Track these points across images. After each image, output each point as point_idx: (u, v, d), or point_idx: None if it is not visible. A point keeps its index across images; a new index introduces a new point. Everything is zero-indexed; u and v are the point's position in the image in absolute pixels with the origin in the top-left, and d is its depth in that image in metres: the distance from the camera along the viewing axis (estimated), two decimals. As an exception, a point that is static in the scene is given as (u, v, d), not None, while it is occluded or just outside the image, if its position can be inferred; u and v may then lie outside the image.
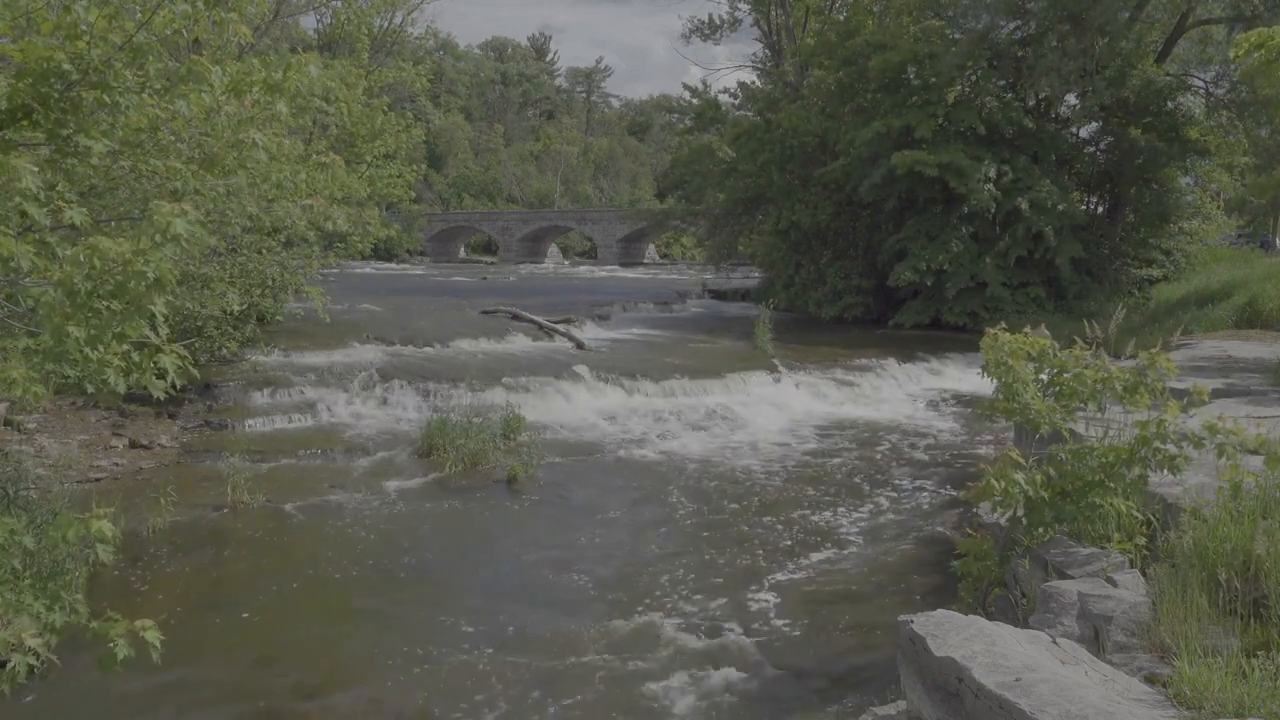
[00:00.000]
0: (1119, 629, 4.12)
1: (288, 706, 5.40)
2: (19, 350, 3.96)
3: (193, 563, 7.62)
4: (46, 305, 3.73)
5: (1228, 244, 33.40)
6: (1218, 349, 12.89)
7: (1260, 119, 22.84)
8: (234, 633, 6.34)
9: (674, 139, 40.47)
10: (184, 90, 4.84)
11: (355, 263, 40.28)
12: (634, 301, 27.11)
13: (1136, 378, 5.40)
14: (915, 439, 12.78)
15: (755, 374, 15.40)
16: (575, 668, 5.89)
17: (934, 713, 3.62)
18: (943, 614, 3.96)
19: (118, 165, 5.23)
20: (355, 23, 20.69)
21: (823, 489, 10.22)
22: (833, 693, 5.58)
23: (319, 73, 5.40)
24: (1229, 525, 4.43)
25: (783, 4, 31.58)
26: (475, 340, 17.21)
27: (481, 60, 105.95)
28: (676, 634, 6.38)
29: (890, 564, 7.85)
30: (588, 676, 5.78)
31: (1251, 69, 12.75)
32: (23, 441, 9.80)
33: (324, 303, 10.49)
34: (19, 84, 4.49)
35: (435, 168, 78.93)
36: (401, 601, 7.05)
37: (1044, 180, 21.92)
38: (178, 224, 3.81)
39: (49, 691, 5.39)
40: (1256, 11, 20.18)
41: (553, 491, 10.02)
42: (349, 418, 12.37)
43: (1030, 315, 19.53)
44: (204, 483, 9.53)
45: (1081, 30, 21.10)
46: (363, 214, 14.74)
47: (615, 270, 54.91)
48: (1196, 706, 3.31)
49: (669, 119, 53.34)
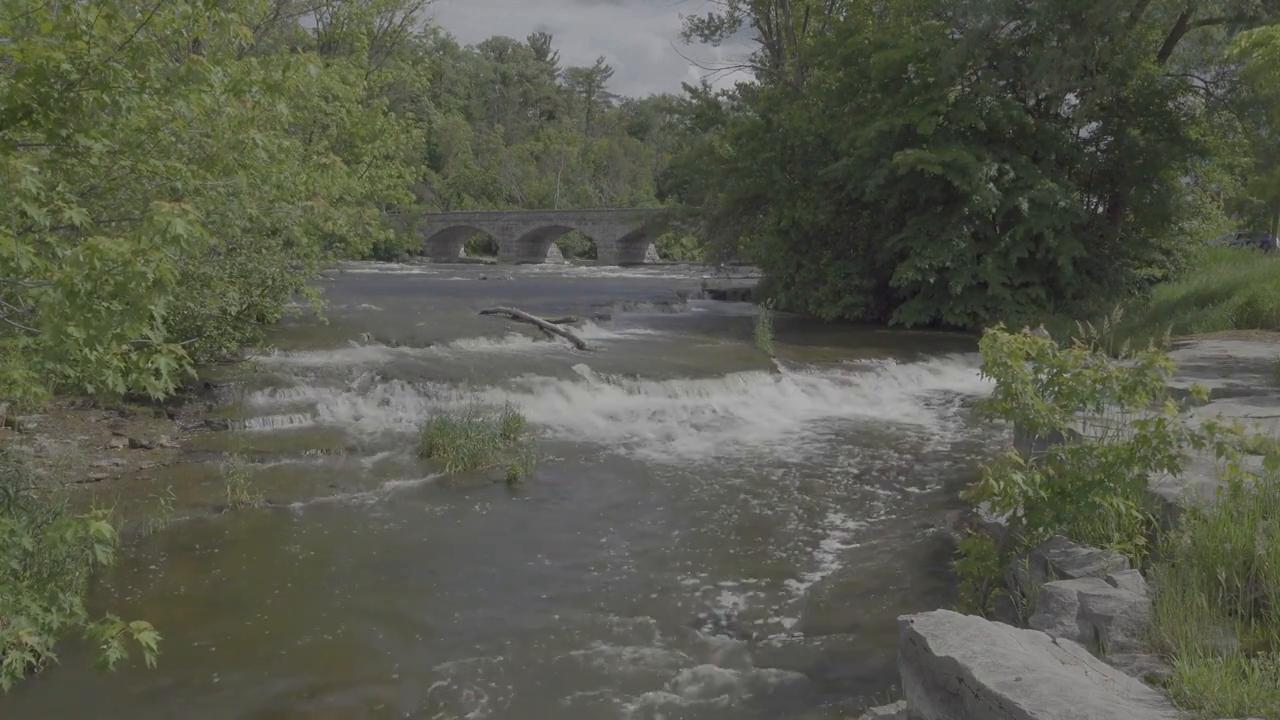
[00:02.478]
0: (1119, 629, 4.12)
1: (288, 706, 5.39)
2: (19, 350, 3.97)
3: (193, 563, 7.61)
4: (46, 305, 3.73)
5: (1228, 244, 33.36)
6: (1218, 349, 12.89)
7: (1260, 119, 22.83)
8: (234, 633, 6.34)
9: (673, 139, 40.48)
10: (184, 90, 4.85)
11: (355, 263, 40.36)
12: (634, 301, 27.10)
13: (1135, 378, 5.40)
14: (915, 439, 12.78)
15: (755, 374, 15.40)
16: (575, 667, 5.89)
17: (934, 713, 3.62)
18: (943, 614, 3.96)
19: (118, 165, 5.23)
20: (355, 22, 20.70)
21: (822, 489, 10.22)
22: (833, 693, 5.58)
23: (318, 72, 5.40)
24: (1229, 525, 4.43)
25: (783, 4, 31.59)
26: (475, 340, 17.19)
27: (481, 60, 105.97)
28: (676, 633, 6.38)
29: (890, 564, 7.85)
30: (588, 676, 5.78)
31: (1252, 68, 12.76)
32: (23, 441, 9.80)
33: (322, 305, 10.48)
34: (19, 84, 4.49)
35: (435, 168, 78.95)
36: (401, 601, 7.05)
37: (1044, 180, 21.92)
38: (177, 224, 3.81)
39: (49, 691, 5.39)
40: (1256, 11, 20.17)
41: (552, 491, 10.02)
42: (349, 418, 12.36)
43: (1030, 315, 19.54)
44: (204, 483, 9.53)
45: (1082, 30, 21.09)
46: (362, 214, 14.73)
47: (615, 270, 54.92)
48: (1196, 706, 3.30)
49: (669, 119, 53.31)
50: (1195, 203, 26.07)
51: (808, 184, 25.72)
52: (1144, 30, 23.47)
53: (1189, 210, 25.03)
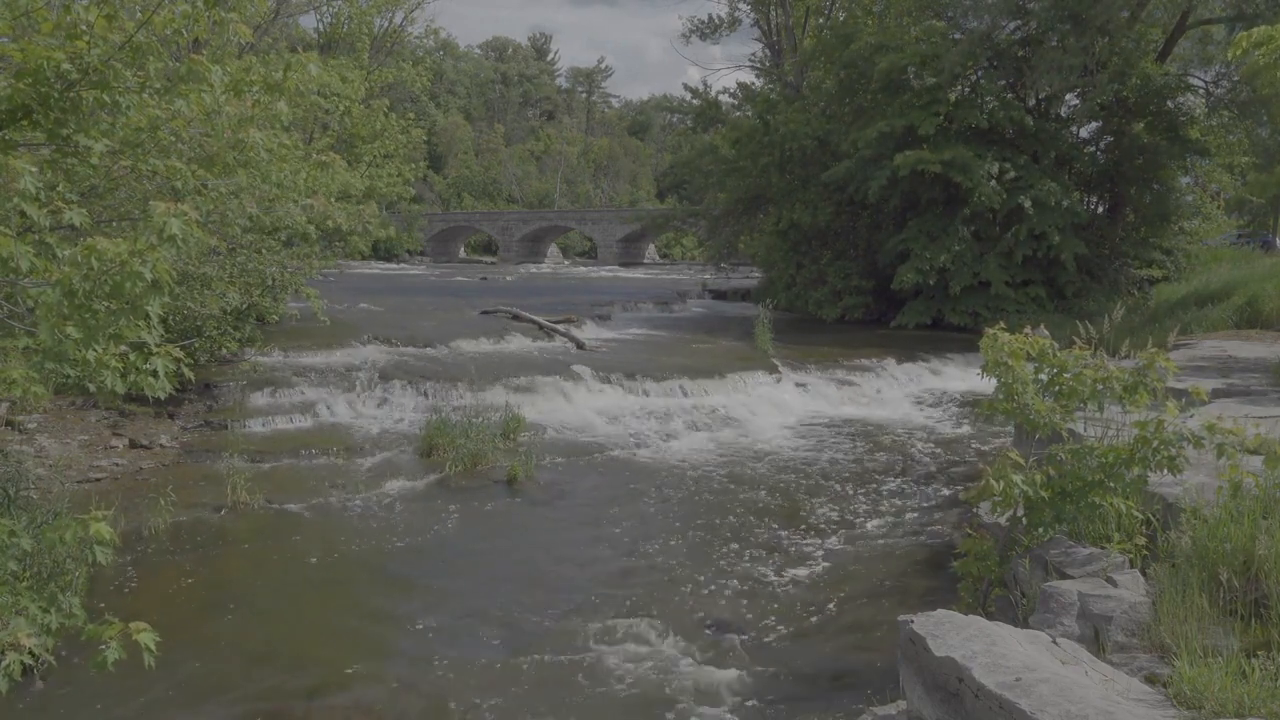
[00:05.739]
0: (1119, 629, 4.12)
1: (288, 706, 5.39)
2: (19, 350, 3.97)
3: (193, 563, 7.61)
4: (45, 305, 3.73)
5: (1228, 244, 33.36)
6: (1218, 349, 12.87)
7: (1260, 119, 22.84)
8: (234, 633, 6.33)
9: (673, 139, 40.44)
10: (184, 90, 4.85)
11: (355, 263, 40.38)
12: (634, 301, 27.08)
13: (1136, 378, 5.39)
14: (915, 439, 12.78)
15: (755, 374, 15.39)
16: (575, 667, 5.89)
17: (934, 713, 3.61)
18: (943, 614, 3.95)
19: (118, 165, 5.23)
20: (355, 22, 20.70)
21: (822, 489, 10.22)
22: (833, 693, 5.58)
23: (318, 72, 5.41)
24: (1229, 525, 4.42)
25: (783, 4, 31.57)
26: (475, 340, 17.19)
27: (481, 60, 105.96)
28: (676, 633, 6.37)
29: (890, 564, 7.85)
30: (588, 675, 5.78)
31: (1252, 68, 12.75)
32: (23, 441, 9.80)
33: (322, 305, 10.45)
34: (19, 84, 4.49)
35: (435, 168, 78.93)
36: (401, 601, 7.05)
37: (1045, 179, 21.93)
38: (173, 224, 3.81)
39: (49, 691, 5.39)
40: (1257, 11, 20.16)
41: (552, 492, 10.01)
42: (349, 418, 12.36)
43: (1030, 315, 19.53)
44: (204, 483, 9.53)
45: (1082, 29, 21.10)
46: (362, 212, 14.72)
47: (615, 270, 54.90)
48: (1196, 706, 3.30)
49: (669, 119, 53.33)
50: (1195, 202, 26.10)
51: (807, 185, 25.72)
52: (1144, 30, 23.48)
53: (1189, 210, 25.05)
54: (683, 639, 6.30)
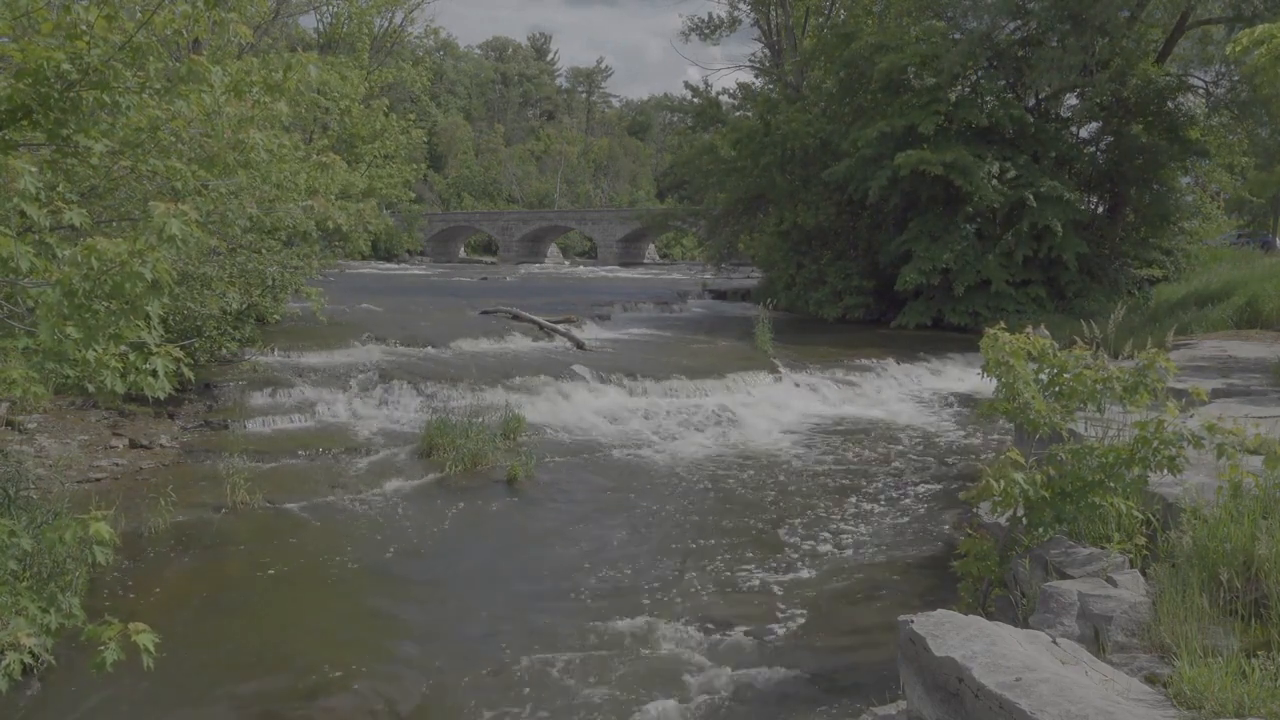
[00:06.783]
0: (1119, 629, 4.12)
1: (288, 707, 5.39)
2: (19, 350, 3.97)
3: (193, 563, 7.61)
4: (45, 305, 3.73)
5: (1228, 244, 33.35)
6: (1218, 349, 12.88)
7: (1260, 119, 22.83)
8: (234, 633, 6.33)
9: (673, 139, 40.44)
10: (184, 90, 4.85)
11: (355, 263, 40.35)
12: (634, 301, 27.07)
13: (1136, 378, 5.39)
14: (915, 439, 12.78)
15: (756, 374, 15.39)
16: (575, 667, 5.89)
17: (934, 713, 3.61)
18: (943, 614, 3.95)
19: (118, 165, 5.23)
20: (355, 22, 20.70)
21: (823, 489, 10.22)
22: (833, 693, 5.58)
23: (318, 73, 5.41)
24: (1229, 525, 4.42)
25: (783, 4, 31.57)
26: (475, 340, 17.18)
27: (481, 60, 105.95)
28: (676, 634, 6.37)
29: (890, 564, 7.85)
30: (588, 675, 5.78)
31: (1252, 67, 12.74)
32: (23, 441, 9.80)
33: (321, 305, 10.44)
34: (19, 84, 4.49)
35: (435, 168, 78.93)
36: (401, 601, 7.05)
37: (1045, 179, 21.94)
38: (173, 224, 3.81)
39: (49, 692, 5.39)
40: (1256, 11, 20.17)
41: (552, 492, 10.01)
42: (349, 418, 12.35)
43: (1031, 315, 19.54)
44: (204, 483, 9.52)
45: (1082, 29, 21.10)
46: (362, 211, 14.71)
47: (615, 270, 54.87)
48: (1196, 706, 3.30)
49: (669, 119, 53.27)
50: (1195, 203, 26.08)
51: (807, 185, 25.72)
52: (1144, 30, 23.48)
53: (1189, 210, 25.04)
54: (683, 639, 6.30)
